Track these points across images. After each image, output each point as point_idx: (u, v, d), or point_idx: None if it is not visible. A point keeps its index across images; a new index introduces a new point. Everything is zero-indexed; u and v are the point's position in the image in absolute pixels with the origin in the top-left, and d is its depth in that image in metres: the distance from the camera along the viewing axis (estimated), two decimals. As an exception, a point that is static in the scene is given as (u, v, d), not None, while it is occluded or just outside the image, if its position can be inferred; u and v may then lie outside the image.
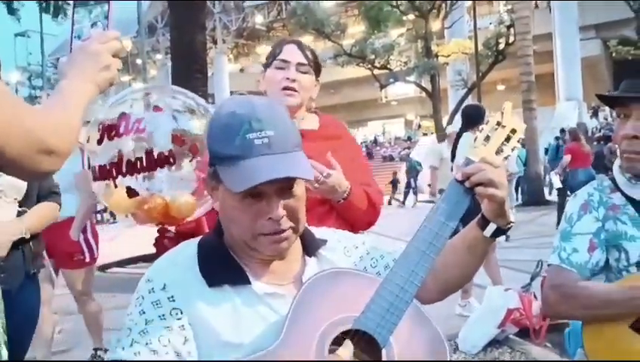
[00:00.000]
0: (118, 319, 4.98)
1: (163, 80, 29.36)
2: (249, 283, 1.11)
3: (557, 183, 8.82)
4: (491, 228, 1.20)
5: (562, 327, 3.81)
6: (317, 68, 1.95)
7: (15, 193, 2.29)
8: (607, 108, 19.49)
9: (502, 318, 3.54)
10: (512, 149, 1.21)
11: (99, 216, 21.78)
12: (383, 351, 1.05)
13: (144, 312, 1.08)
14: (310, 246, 1.21)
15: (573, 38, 24.41)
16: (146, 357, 1.03)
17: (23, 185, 2.31)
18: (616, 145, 1.63)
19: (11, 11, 13.43)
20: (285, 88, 1.87)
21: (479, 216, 1.22)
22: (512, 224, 1.22)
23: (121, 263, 9.06)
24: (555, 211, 9.65)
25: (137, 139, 2.09)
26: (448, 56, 16.75)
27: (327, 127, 1.98)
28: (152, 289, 1.09)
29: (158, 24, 34.46)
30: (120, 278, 7.90)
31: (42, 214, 2.40)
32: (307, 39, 24.15)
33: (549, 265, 1.58)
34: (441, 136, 15.40)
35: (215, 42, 34.14)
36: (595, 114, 17.28)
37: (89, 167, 2.21)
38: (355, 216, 1.86)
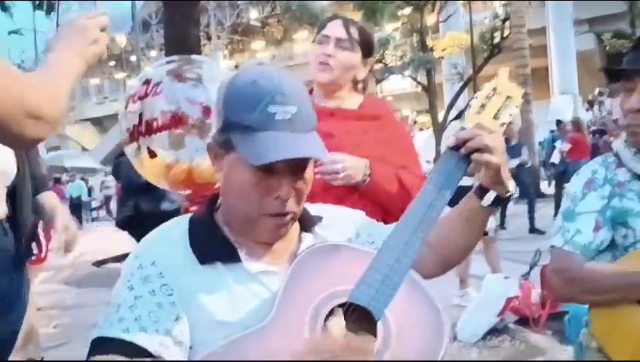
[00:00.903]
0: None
1: (158, 77, 29.19)
2: (240, 261, 1.07)
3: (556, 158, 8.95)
4: (490, 196, 1.16)
5: (562, 315, 3.81)
6: (365, 46, 1.83)
7: (5, 179, 2.24)
8: (604, 101, 19.53)
9: (502, 306, 3.53)
10: (510, 115, 1.18)
11: (94, 214, 21.75)
12: (379, 324, 1.02)
13: (133, 288, 1.03)
14: (306, 223, 1.18)
15: (567, 32, 24.42)
16: (137, 334, 0.99)
17: (12, 170, 2.27)
18: (612, 138, 1.59)
19: (4, 8, 13.33)
20: (320, 63, 1.79)
21: (477, 184, 1.18)
22: (511, 192, 1.17)
23: (117, 258, 9.02)
24: (552, 203, 9.66)
25: (153, 100, 2.13)
26: (444, 50, 16.72)
27: (367, 107, 1.87)
28: (141, 265, 1.05)
29: (152, 20, 34.26)
30: (116, 274, 7.78)
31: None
32: (302, 34, 24.10)
33: (552, 247, 1.54)
34: (438, 130, 15.38)
35: (209, 38, 34.02)
36: (590, 107, 17.30)
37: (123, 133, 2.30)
38: (385, 200, 1.76)
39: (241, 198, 1.06)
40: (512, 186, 1.17)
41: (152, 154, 2.14)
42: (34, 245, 3.60)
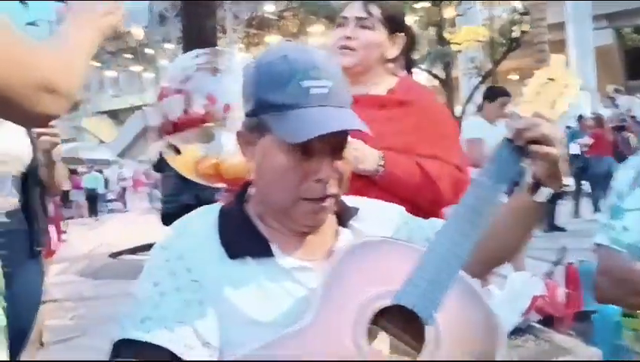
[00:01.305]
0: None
1: (173, 70, 29.26)
2: (272, 255, 1.00)
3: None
4: (543, 191, 1.08)
5: (587, 316, 3.73)
6: (390, 22, 1.70)
7: (19, 164, 2.19)
8: (620, 98, 19.24)
9: (527, 305, 3.44)
10: (567, 105, 1.10)
11: (109, 205, 21.85)
12: (427, 328, 0.96)
13: (158, 284, 0.96)
14: (343, 216, 1.10)
15: (586, 27, 24.09)
16: (161, 335, 0.92)
17: (25, 154, 2.21)
18: (630, 134, 1.51)
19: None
20: (341, 47, 1.67)
21: (528, 179, 1.10)
22: (566, 187, 1.10)
23: (133, 250, 9.04)
24: (570, 199, 9.52)
25: (182, 98, 2.08)
26: (461, 43, 16.52)
27: (397, 92, 1.72)
28: (168, 258, 0.98)
29: (169, 13, 34.30)
30: (132, 265, 7.87)
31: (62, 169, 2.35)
32: (318, 28, 23.96)
33: (597, 245, 1.47)
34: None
35: (225, 32, 33.99)
36: (612, 102, 17.05)
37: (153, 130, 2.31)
38: (406, 192, 1.63)
39: (277, 185, 0.99)
40: (567, 180, 1.10)
41: (177, 151, 2.12)
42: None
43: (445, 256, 0.99)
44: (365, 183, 1.62)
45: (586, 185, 9.50)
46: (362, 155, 1.61)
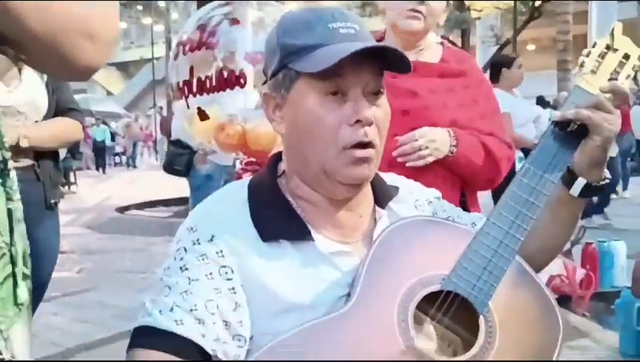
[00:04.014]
0: (137, 261, 4.92)
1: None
2: (312, 239, 0.91)
3: None
4: (579, 183, 0.97)
5: (604, 297, 3.67)
6: None
7: (36, 114, 2.10)
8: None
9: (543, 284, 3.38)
10: (627, 77, 0.99)
11: (117, 159, 21.86)
12: (481, 319, 0.87)
13: (187, 268, 0.87)
14: (382, 196, 1.00)
15: (610, -2, 23.51)
16: (192, 328, 0.83)
17: (43, 104, 2.12)
18: None
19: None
20: (412, 10, 1.58)
21: (564, 171, 0.97)
22: (607, 180, 0.99)
23: (140, 206, 9.03)
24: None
25: (207, 54, 1.90)
26: (481, 10, 16.12)
27: (449, 60, 1.66)
28: (197, 240, 0.89)
29: (182, -34, 33.66)
30: (139, 220, 7.88)
31: (55, 127, 2.11)
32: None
33: None
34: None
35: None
36: (634, 78, 16.77)
37: (171, 86, 2.04)
38: (469, 173, 1.57)
39: (313, 137, 0.89)
40: (606, 173, 0.99)
41: (204, 116, 1.94)
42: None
43: (500, 238, 0.90)
44: (418, 169, 1.51)
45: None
46: (441, 146, 1.52)
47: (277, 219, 0.92)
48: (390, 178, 1.06)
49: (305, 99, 0.89)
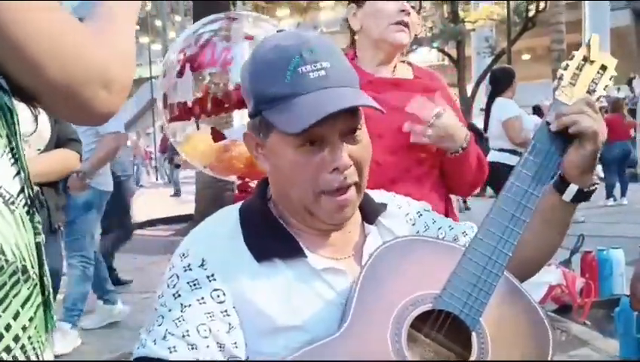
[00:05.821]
0: (138, 280, 4.88)
1: (182, 42, 29.05)
2: (304, 256, 0.93)
3: None
4: (572, 189, 1.00)
5: (604, 306, 3.67)
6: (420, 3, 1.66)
7: (40, 143, 2.14)
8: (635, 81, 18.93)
9: (543, 294, 3.39)
10: (605, 88, 1.02)
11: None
12: (473, 335, 0.89)
13: (179, 295, 0.89)
14: (370, 213, 1.03)
15: (603, 7, 23.66)
16: (183, 352, 0.85)
17: (47, 134, 2.16)
18: None
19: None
20: (399, 23, 1.56)
21: (556, 177, 1.02)
22: (596, 185, 1.02)
23: (140, 225, 9.02)
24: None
25: (223, 72, 1.82)
26: (475, 22, 16.25)
27: (422, 77, 1.67)
28: (189, 266, 0.91)
29: (178, -15, 33.94)
30: (140, 240, 7.84)
31: (54, 160, 2.16)
32: (329, 3, 23.66)
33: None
34: (465, 105, 15.05)
35: (234, 4, 33.62)
36: (629, 85, 16.77)
37: (164, 104, 1.91)
38: (464, 176, 1.60)
39: (294, 182, 0.92)
40: (596, 178, 1.02)
41: (219, 137, 1.83)
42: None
43: (489, 255, 0.93)
44: (425, 172, 1.57)
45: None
46: (460, 137, 1.54)
47: (270, 239, 0.94)
48: (378, 195, 1.09)
49: (282, 150, 0.92)
